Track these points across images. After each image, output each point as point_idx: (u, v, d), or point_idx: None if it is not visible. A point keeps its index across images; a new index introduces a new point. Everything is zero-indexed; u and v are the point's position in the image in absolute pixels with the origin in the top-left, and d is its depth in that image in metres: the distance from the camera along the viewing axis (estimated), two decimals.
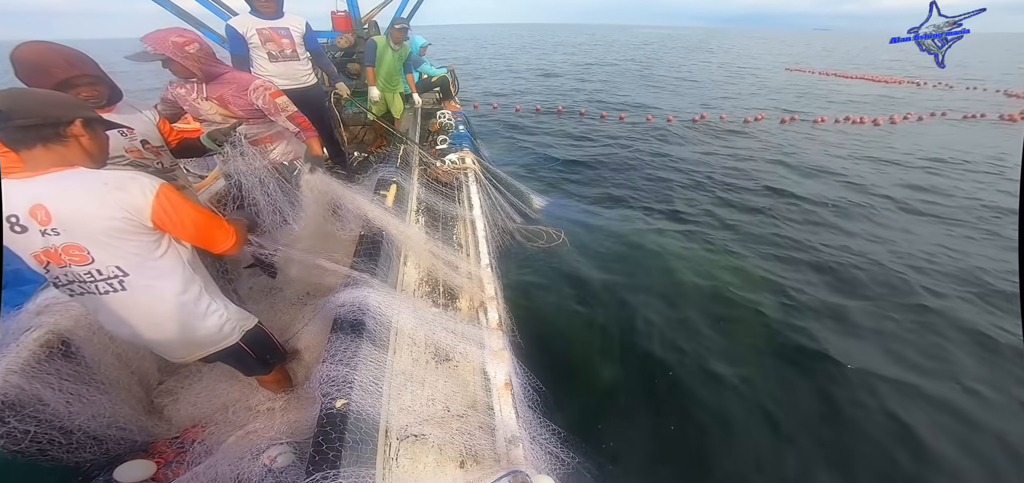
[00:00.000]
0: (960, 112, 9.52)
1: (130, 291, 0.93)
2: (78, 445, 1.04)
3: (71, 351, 1.17)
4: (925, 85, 13.83)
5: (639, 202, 4.70)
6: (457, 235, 2.50)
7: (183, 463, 1.07)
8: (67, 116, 0.86)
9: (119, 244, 0.88)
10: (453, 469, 1.06)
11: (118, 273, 0.91)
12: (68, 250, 0.86)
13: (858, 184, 5.26)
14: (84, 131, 0.89)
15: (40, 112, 0.83)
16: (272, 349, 1.28)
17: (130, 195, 0.87)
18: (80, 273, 0.89)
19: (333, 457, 0.93)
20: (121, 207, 0.86)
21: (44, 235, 0.84)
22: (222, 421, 1.19)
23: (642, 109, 9.58)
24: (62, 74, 1.09)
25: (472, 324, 1.58)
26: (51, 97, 0.89)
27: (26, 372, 1.05)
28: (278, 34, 2.39)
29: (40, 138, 0.83)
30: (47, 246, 0.85)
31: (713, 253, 3.61)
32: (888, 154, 6.52)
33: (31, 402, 1.03)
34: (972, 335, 2.68)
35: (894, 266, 3.42)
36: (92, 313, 0.97)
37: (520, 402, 1.26)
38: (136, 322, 0.98)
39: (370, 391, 1.12)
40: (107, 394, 1.14)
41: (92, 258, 0.88)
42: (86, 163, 0.90)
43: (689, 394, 2.24)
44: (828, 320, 2.82)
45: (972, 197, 4.93)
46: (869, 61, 24.50)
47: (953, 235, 4.04)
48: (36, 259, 0.87)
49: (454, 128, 4.21)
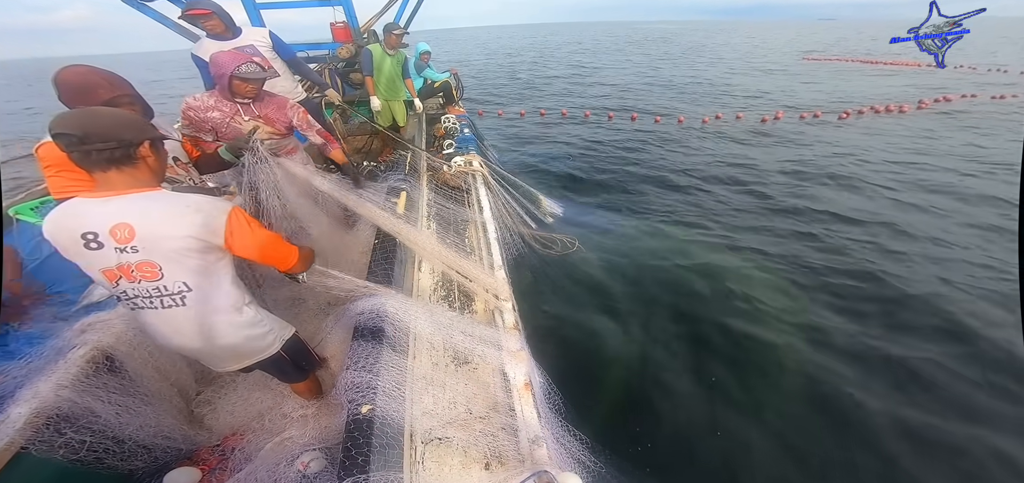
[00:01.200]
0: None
1: (190, 305, 0.99)
2: (130, 454, 1.11)
3: (115, 366, 1.24)
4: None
5: (655, 207, 4.60)
6: (469, 238, 2.53)
7: (226, 469, 1.14)
8: (138, 138, 0.91)
9: (188, 261, 0.94)
10: (478, 471, 1.09)
11: (183, 289, 0.96)
12: (141, 267, 0.92)
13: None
14: (151, 152, 0.94)
15: (115, 135, 0.87)
16: (307, 356, 1.34)
17: (207, 217, 0.93)
18: (148, 288, 0.95)
19: (362, 462, 0.97)
20: (198, 227, 0.92)
21: (121, 252, 0.89)
22: (259, 428, 1.26)
23: (650, 111, 9.32)
24: (106, 94, 1.17)
25: (489, 326, 1.61)
26: (123, 120, 0.91)
27: (76, 386, 1.13)
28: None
29: (113, 160, 0.88)
30: (122, 262, 0.90)
31: (742, 263, 3.42)
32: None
33: (84, 414, 1.10)
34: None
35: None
36: (146, 326, 1.02)
37: (541, 402, 1.28)
38: (191, 334, 1.03)
39: (393, 396, 1.16)
40: (151, 405, 1.21)
41: (162, 274, 0.93)
42: (152, 182, 0.95)
43: (695, 411, 2.19)
44: (872, 364, 2.39)
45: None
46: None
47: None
48: (106, 274, 0.92)
49: (459, 131, 4.23)
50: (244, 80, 1.55)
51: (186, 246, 0.92)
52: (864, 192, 4.84)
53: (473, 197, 2.96)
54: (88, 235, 0.88)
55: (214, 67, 1.54)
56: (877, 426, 2.11)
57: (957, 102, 9.00)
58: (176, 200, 0.93)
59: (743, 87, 12.39)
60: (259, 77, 1.57)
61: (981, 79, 11.87)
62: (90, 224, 0.88)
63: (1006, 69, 13.48)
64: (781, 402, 2.25)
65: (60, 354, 1.18)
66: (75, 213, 0.89)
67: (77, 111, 0.91)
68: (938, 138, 6.84)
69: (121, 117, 0.92)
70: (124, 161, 0.89)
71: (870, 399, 2.23)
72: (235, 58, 1.55)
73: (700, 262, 3.45)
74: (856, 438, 2.07)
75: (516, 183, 3.81)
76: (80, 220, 0.88)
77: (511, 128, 8.35)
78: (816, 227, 4.00)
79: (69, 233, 0.88)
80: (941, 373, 2.37)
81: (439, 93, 5.18)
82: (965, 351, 2.51)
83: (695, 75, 15.26)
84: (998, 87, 10.42)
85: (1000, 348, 2.50)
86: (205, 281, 0.99)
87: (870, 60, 16.73)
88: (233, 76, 1.53)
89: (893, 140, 6.78)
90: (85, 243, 0.88)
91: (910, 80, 12.22)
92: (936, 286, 3.10)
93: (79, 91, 1.15)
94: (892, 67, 14.84)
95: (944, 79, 11.87)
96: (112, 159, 0.88)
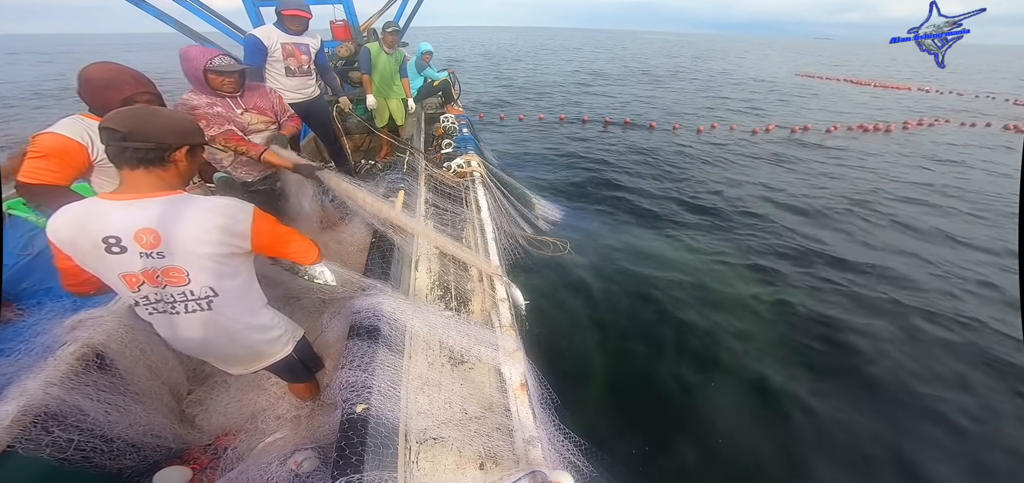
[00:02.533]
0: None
1: (215, 310, 0.97)
2: (118, 452, 1.09)
3: (106, 363, 1.23)
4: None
5: (650, 213, 4.63)
6: (466, 238, 2.53)
7: (217, 469, 1.12)
8: (178, 143, 0.89)
9: (215, 267, 0.93)
10: (473, 471, 1.08)
11: (209, 293, 0.95)
12: (168, 272, 0.89)
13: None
14: (185, 157, 0.92)
15: (156, 137, 0.86)
16: (313, 357, 1.35)
17: (233, 221, 0.92)
18: (173, 293, 0.93)
19: (355, 461, 0.96)
20: (225, 232, 0.90)
21: (146, 257, 0.87)
22: (251, 428, 1.25)
23: (644, 119, 9.37)
24: (129, 90, 1.19)
25: (485, 326, 1.60)
26: (172, 124, 0.90)
27: (65, 384, 1.11)
28: (299, 50, 2.52)
29: (146, 161, 0.86)
30: (146, 267, 0.88)
31: (730, 269, 3.49)
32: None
33: (72, 412, 1.08)
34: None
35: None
36: (164, 329, 1.00)
37: (536, 402, 1.27)
38: (213, 338, 1.02)
39: (388, 396, 1.16)
40: (141, 404, 1.20)
41: (189, 279, 0.92)
42: (178, 186, 0.93)
43: (678, 410, 2.23)
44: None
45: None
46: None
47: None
48: (126, 279, 0.89)
49: (458, 131, 4.24)
50: (217, 73, 1.52)
51: (213, 251, 0.90)
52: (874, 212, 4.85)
53: (471, 197, 2.96)
54: (110, 239, 0.85)
55: (186, 62, 1.51)
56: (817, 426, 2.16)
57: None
58: (200, 204, 0.91)
59: (737, 98, 12.54)
60: (233, 69, 1.53)
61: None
62: (112, 227, 0.85)
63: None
64: (761, 401, 2.30)
65: (49, 351, 1.16)
66: (96, 215, 0.85)
67: (134, 109, 0.89)
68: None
69: (172, 121, 0.90)
70: (155, 162, 0.87)
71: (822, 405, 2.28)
72: (204, 52, 1.53)
73: (689, 266, 3.50)
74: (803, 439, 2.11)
75: (511, 185, 3.82)
76: (102, 223, 0.85)
77: (511, 128, 8.38)
78: (815, 263, 4.02)
79: (89, 236, 0.85)
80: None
81: (438, 92, 5.19)
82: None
83: (695, 84, 15.41)
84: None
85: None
86: (230, 284, 0.98)
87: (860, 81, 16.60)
88: (206, 69, 1.50)
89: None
90: (106, 247, 0.85)
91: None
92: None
93: (107, 85, 1.17)
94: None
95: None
96: (144, 158, 0.86)
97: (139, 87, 1.21)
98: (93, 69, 1.18)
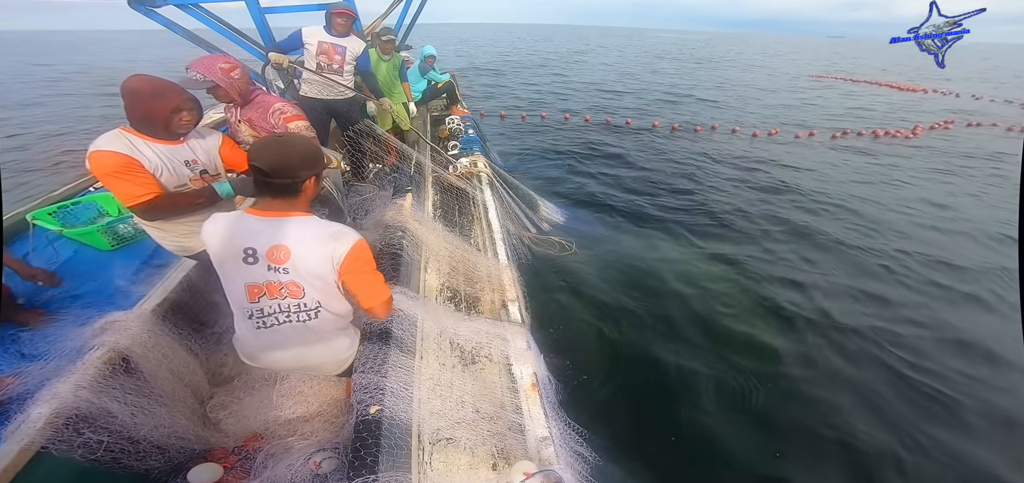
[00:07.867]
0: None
1: (320, 320, 1.06)
2: (145, 454, 1.13)
3: (131, 367, 1.27)
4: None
5: (655, 214, 4.54)
6: (474, 238, 2.54)
7: (245, 470, 1.16)
8: (309, 174, 0.98)
9: (325, 285, 1.02)
10: (486, 471, 1.10)
11: (318, 306, 1.04)
12: (289, 286, 1.00)
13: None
14: (313, 184, 1.01)
15: (294, 174, 0.95)
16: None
17: (337, 246, 0.99)
18: (289, 305, 1.02)
19: (371, 462, 0.98)
20: (332, 255, 0.99)
21: (272, 270, 0.97)
22: (276, 429, 1.28)
23: (647, 118, 9.12)
24: (175, 101, 1.20)
25: (495, 326, 1.61)
26: (308, 157, 0.97)
27: (94, 387, 1.16)
28: (335, 50, 2.67)
29: (283, 190, 0.96)
30: (271, 280, 0.98)
31: (742, 279, 3.36)
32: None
33: (101, 414, 1.13)
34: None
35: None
36: (263, 338, 1.07)
37: (548, 401, 1.28)
38: (313, 346, 1.11)
39: (401, 397, 1.18)
40: (165, 406, 1.24)
41: (304, 293, 1.01)
42: (306, 209, 1.03)
43: (684, 407, 2.21)
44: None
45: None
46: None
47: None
48: (250, 288, 0.99)
49: (463, 132, 4.25)
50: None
51: (324, 270, 0.99)
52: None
53: (478, 197, 2.97)
54: (249, 250, 0.95)
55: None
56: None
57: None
58: (323, 227, 1.00)
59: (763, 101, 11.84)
60: (202, 84, 1.49)
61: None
62: (253, 241, 0.95)
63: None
64: (768, 398, 2.27)
65: (78, 355, 1.21)
66: (245, 228, 0.96)
67: (271, 146, 0.96)
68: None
69: (305, 156, 0.97)
70: (290, 191, 0.97)
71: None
72: (215, 61, 1.54)
73: (696, 269, 3.43)
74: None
75: (516, 185, 3.82)
76: (248, 237, 0.95)
77: (511, 129, 8.34)
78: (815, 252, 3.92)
79: (232, 244, 0.95)
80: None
81: (443, 94, 5.22)
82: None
83: (698, 84, 15.02)
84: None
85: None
86: (332, 300, 1.06)
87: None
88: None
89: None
90: (244, 257, 0.95)
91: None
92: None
93: (154, 95, 1.17)
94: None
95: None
96: (282, 189, 0.96)
97: (183, 96, 1.24)
98: (136, 82, 1.17)
